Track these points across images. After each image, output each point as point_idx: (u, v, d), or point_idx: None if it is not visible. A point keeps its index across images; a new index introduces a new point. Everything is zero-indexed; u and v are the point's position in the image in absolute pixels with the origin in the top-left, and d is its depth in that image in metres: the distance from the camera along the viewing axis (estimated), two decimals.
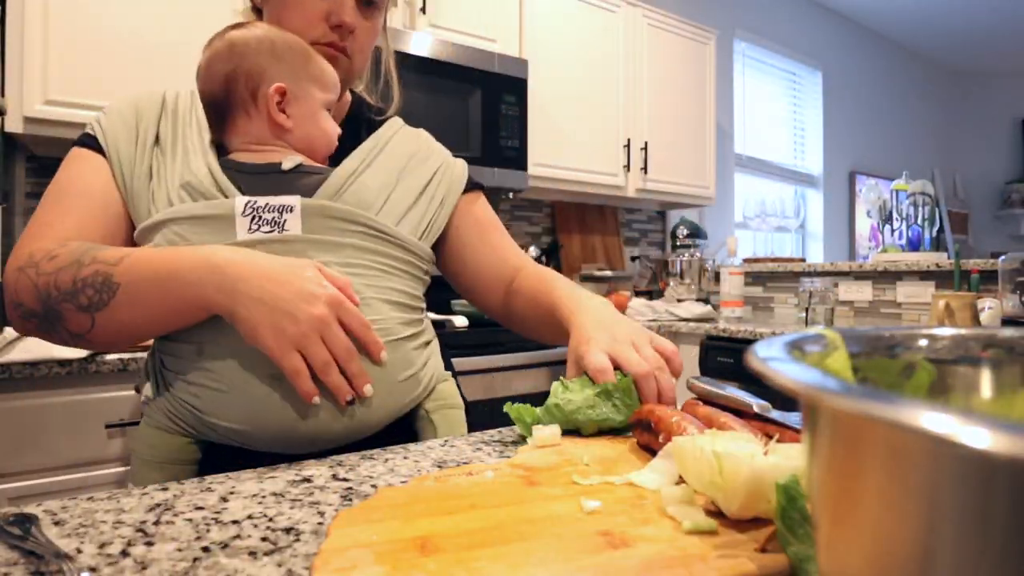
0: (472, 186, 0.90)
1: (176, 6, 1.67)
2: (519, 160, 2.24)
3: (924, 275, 2.19)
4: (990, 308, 1.75)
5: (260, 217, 0.68)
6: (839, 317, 2.37)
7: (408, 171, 0.82)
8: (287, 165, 0.72)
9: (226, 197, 0.68)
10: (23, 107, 1.50)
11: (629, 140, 2.66)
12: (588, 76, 2.55)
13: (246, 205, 0.67)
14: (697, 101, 2.95)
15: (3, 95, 1.50)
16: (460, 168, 0.90)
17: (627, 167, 2.66)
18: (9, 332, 1.25)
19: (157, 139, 0.73)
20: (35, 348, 1.24)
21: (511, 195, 2.46)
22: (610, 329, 0.68)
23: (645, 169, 2.70)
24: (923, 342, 0.34)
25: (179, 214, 0.67)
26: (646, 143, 2.71)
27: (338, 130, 0.78)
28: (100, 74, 1.58)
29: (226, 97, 0.72)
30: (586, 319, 0.70)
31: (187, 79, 1.75)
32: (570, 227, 2.91)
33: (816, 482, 0.25)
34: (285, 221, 0.68)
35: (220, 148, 0.75)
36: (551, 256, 2.72)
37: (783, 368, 0.23)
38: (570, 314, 0.73)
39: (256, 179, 0.70)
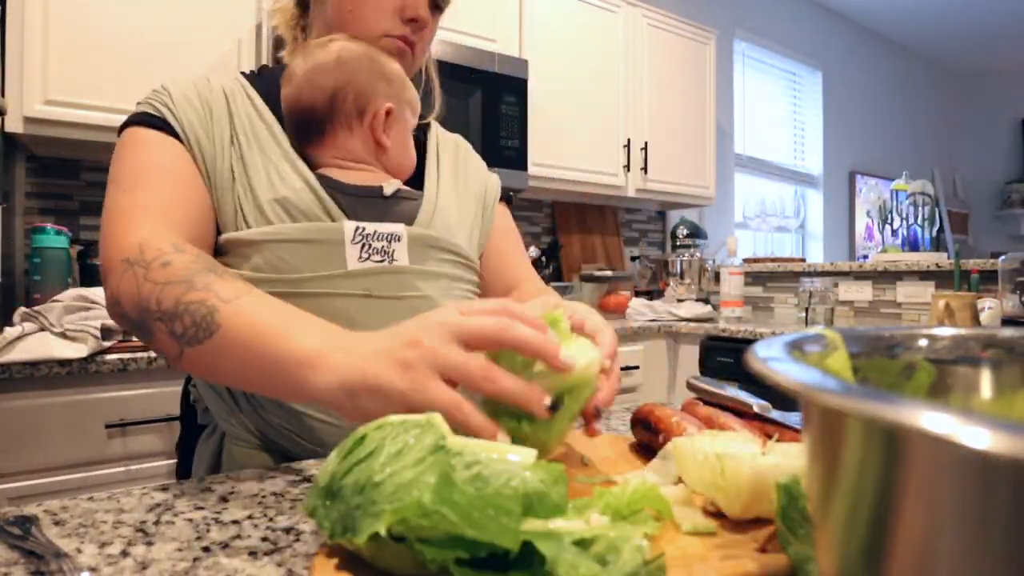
0: (504, 197, 0.93)
1: (176, 6, 1.67)
2: (519, 160, 2.24)
3: (924, 275, 2.19)
4: (990, 308, 1.74)
5: (370, 245, 0.67)
6: (839, 317, 2.37)
7: (463, 186, 0.84)
8: (389, 190, 0.72)
9: (331, 219, 0.67)
10: (23, 107, 1.50)
11: (629, 140, 2.66)
12: (588, 76, 2.55)
13: (355, 232, 0.66)
14: (697, 101, 2.95)
15: (3, 95, 1.50)
16: (496, 179, 0.92)
17: (627, 167, 2.66)
18: (9, 332, 1.25)
19: (233, 137, 0.69)
20: (35, 348, 1.24)
21: (511, 195, 2.46)
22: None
23: (645, 169, 2.70)
24: (923, 342, 0.34)
25: (284, 235, 0.64)
26: (646, 143, 2.71)
27: (415, 156, 0.79)
28: (100, 74, 1.58)
29: (330, 110, 0.70)
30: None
31: None
32: (570, 227, 2.91)
33: (817, 482, 0.25)
34: (394, 251, 0.68)
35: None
36: (551, 256, 2.72)
37: (783, 368, 0.23)
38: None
39: (357, 201, 0.69)
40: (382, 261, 0.67)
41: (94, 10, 1.57)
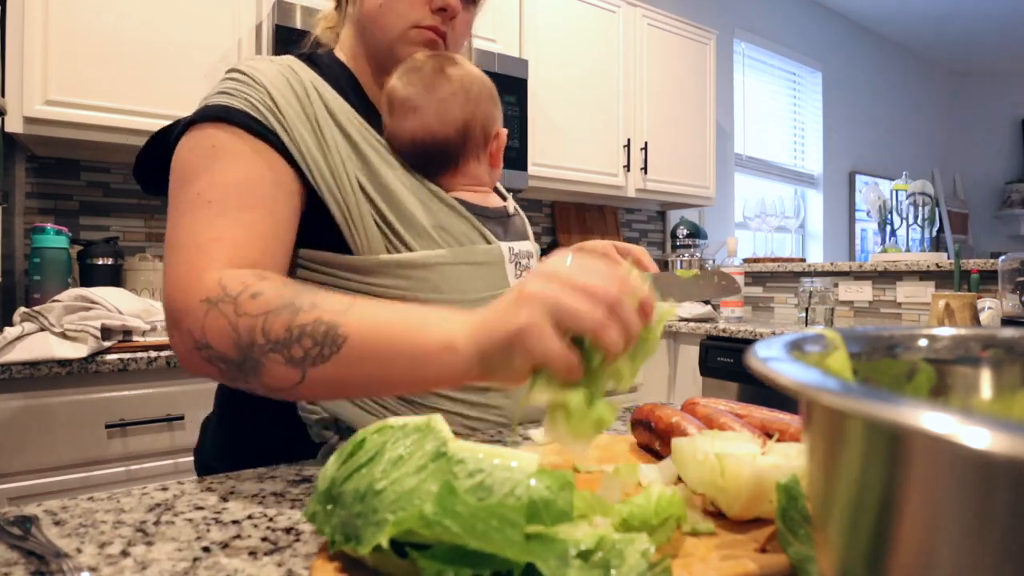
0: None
1: (176, 6, 1.67)
2: (519, 160, 2.24)
3: (924, 275, 2.19)
4: (990, 308, 1.74)
5: (520, 263, 0.72)
6: (839, 317, 2.37)
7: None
8: (511, 209, 0.77)
9: (487, 242, 0.70)
10: (23, 107, 1.50)
11: (629, 140, 2.66)
12: (588, 76, 2.55)
13: (510, 252, 0.71)
14: (697, 101, 2.95)
15: (3, 95, 1.50)
16: None
17: (627, 167, 2.66)
18: (9, 332, 1.25)
19: (354, 150, 0.66)
20: (35, 348, 1.24)
21: (511, 194, 2.46)
22: None
23: (645, 169, 2.70)
24: (923, 342, 0.34)
25: (460, 258, 0.66)
26: (646, 143, 2.71)
27: None
28: (100, 74, 1.58)
29: (463, 142, 0.71)
30: None
31: (187, 79, 1.74)
32: (570, 227, 2.91)
33: (817, 482, 0.25)
34: (532, 267, 0.73)
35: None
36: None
37: (783, 368, 0.23)
38: None
39: (494, 223, 0.73)
40: None
41: (94, 10, 1.57)
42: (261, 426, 0.69)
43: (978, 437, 0.15)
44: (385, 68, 0.73)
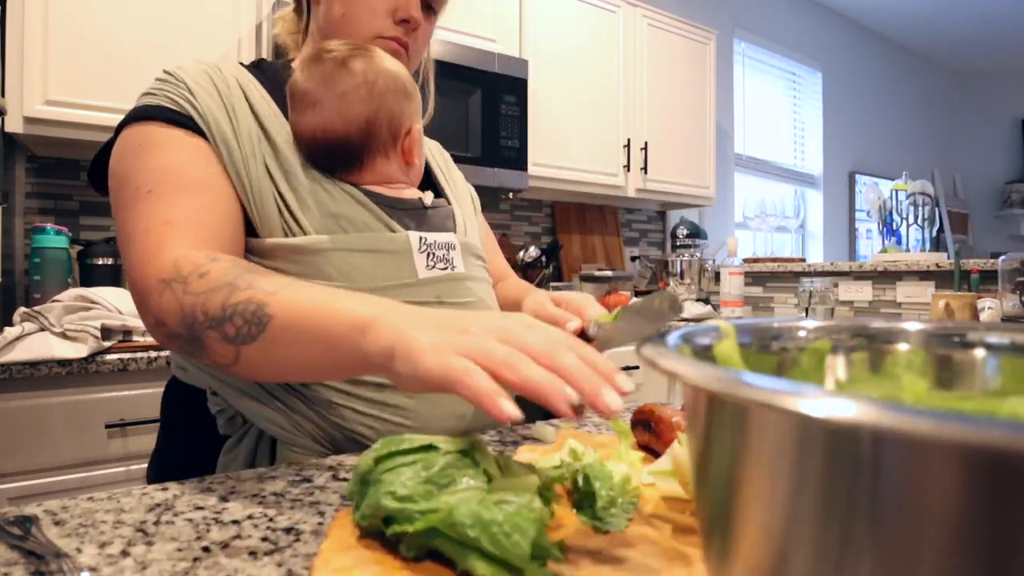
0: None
1: (176, 6, 1.67)
2: (519, 160, 2.24)
3: (924, 275, 2.19)
4: (990, 308, 1.75)
5: (433, 254, 0.69)
6: (839, 317, 2.37)
7: (459, 193, 0.86)
8: (428, 201, 0.74)
9: (392, 231, 0.67)
10: (23, 107, 1.50)
11: (629, 140, 2.66)
12: (588, 76, 2.55)
13: (420, 242, 0.68)
14: (697, 101, 2.95)
15: (3, 95, 1.50)
16: (471, 187, 0.95)
17: (627, 167, 2.66)
18: (9, 332, 1.25)
19: (263, 135, 0.67)
20: (35, 348, 1.24)
21: (511, 195, 2.46)
22: None
23: (645, 169, 2.70)
24: (802, 333, 0.37)
25: (355, 245, 0.65)
26: (646, 143, 2.71)
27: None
28: (100, 74, 1.58)
29: (366, 141, 0.69)
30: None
31: None
32: (570, 227, 2.91)
33: (691, 451, 0.28)
34: (452, 259, 0.71)
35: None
36: (551, 256, 2.72)
37: (656, 355, 0.26)
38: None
39: (404, 214, 0.70)
40: (446, 268, 0.70)
41: (94, 10, 1.57)
42: (190, 423, 0.70)
43: (800, 404, 0.18)
44: None
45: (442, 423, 0.65)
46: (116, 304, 1.39)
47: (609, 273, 2.69)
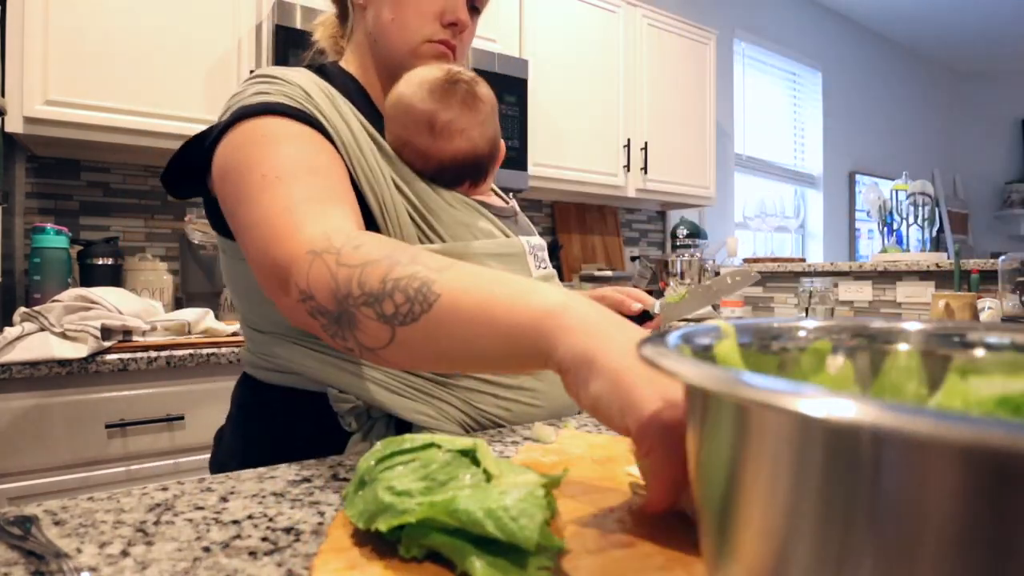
0: None
1: (176, 6, 1.67)
2: (519, 160, 2.24)
3: (924, 275, 2.19)
4: (990, 308, 1.75)
5: (536, 255, 0.76)
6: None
7: None
8: (517, 208, 0.83)
9: (507, 237, 0.73)
10: (23, 107, 1.50)
11: (629, 140, 2.66)
12: (588, 76, 2.55)
13: (527, 245, 0.74)
14: (697, 101, 2.95)
15: (3, 95, 1.50)
16: None
17: (627, 167, 2.66)
18: (9, 332, 1.25)
19: (377, 145, 0.68)
20: (35, 348, 1.24)
21: (511, 195, 2.46)
22: None
23: (645, 169, 2.70)
24: (802, 332, 0.37)
25: (490, 249, 0.69)
26: (646, 143, 2.71)
27: None
28: (100, 74, 1.58)
29: (496, 156, 0.77)
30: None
31: (187, 80, 1.74)
32: (570, 227, 2.91)
33: (692, 451, 0.28)
34: (545, 259, 0.78)
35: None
36: (551, 256, 2.72)
37: (658, 356, 0.26)
38: None
39: (504, 221, 0.76)
40: (545, 268, 0.77)
41: (94, 10, 1.57)
42: (278, 427, 0.69)
43: (800, 404, 0.18)
44: (396, 81, 0.74)
45: (563, 401, 0.71)
46: (116, 304, 1.39)
47: (609, 273, 2.69)
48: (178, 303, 1.86)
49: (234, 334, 1.52)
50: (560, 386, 0.65)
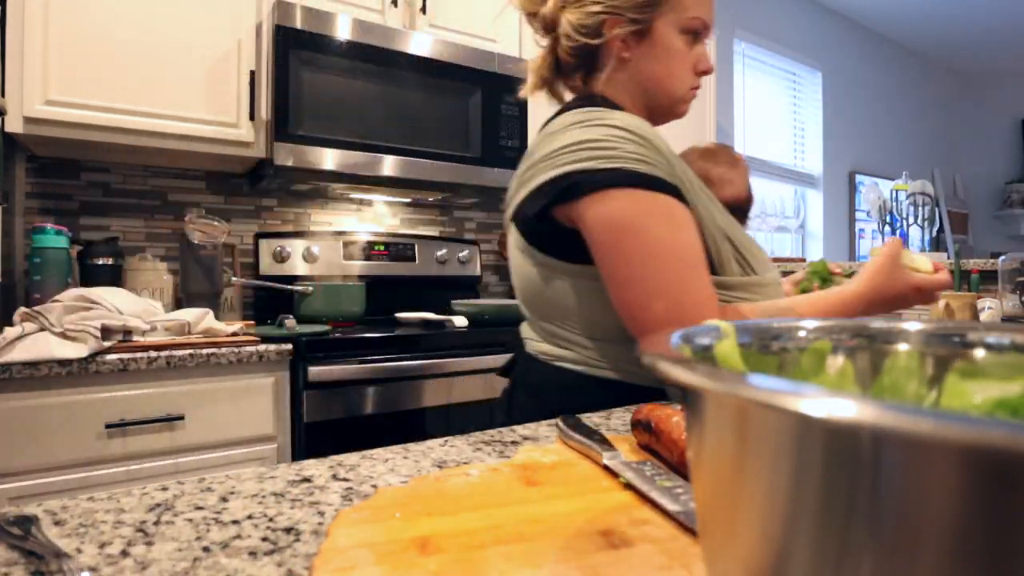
0: None
1: (176, 6, 1.67)
2: (519, 160, 2.24)
3: None
4: (990, 308, 1.75)
5: None
6: None
7: None
8: None
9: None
10: (23, 107, 1.50)
11: None
12: None
13: None
14: (697, 101, 2.94)
15: (3, 95, 1.50)
16: None
17: None
18: (9, 332, 1.25)
19: (710, 196, 0.84)
20: (35, 348, 1.24)
21: None
22: None
23: None
24: (802, 333, 0.37)
25: (775, 280, 0.86)
26: None
27: None
28: (100, 74, 1.58)
29: (752, 200, 1.00)
30: None
31: (187, 80, 1.74)
32: None
33: (690, 451, 0.27)
34: None
35: None
36: None
37: (654, 358, 0.26)
38: None
39: None
40: None
41: (94, 10, 1.57)
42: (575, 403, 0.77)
43: (800, 404, 0.18)
44: (657, 120, 0.90)
45: None
46: (116, 304, 1.39)
47: None
48: (178, 303, 1.86)
49: (234, 334, 1.52)
50: None
